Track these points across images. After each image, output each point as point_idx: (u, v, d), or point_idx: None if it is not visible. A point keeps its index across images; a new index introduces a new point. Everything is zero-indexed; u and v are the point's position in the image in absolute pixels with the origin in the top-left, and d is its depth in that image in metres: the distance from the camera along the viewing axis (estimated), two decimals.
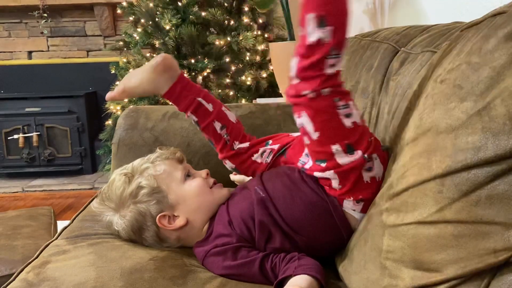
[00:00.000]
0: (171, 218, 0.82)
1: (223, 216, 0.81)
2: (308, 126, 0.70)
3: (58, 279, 0.71)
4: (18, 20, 3.23)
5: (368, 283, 0.61)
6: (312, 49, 0.65)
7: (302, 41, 0.67)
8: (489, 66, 0.48)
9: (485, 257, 0.45)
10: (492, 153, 0.44)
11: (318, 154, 0.72)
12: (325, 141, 0.69)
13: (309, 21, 0.64)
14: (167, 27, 2.28)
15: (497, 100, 0.45)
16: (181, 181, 0.85)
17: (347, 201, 0.73)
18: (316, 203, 0.75)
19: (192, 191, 0.84)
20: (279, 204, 0.77)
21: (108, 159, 2.65)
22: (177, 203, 0.83)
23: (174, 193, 0.83)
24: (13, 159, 3.15)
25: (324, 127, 0.69)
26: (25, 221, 1.31)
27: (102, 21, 3.15)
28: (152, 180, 0.82)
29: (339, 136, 0.69)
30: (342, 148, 0.69)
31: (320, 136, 0.69)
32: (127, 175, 0.84)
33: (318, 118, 0.68)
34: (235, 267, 0.74)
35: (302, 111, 0.69)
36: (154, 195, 0.81)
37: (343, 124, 0.68)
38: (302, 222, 0.76)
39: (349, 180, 0.71)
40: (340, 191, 0.73)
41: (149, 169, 0.84)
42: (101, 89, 3.22)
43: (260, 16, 2.45)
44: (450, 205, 0.48)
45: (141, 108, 1.32)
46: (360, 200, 0.72)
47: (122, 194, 0.82)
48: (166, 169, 0.85)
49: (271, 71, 2.37)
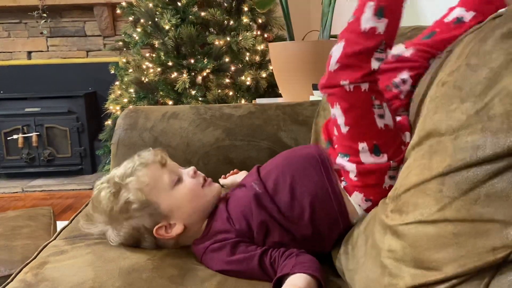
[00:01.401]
0: (168, 227, 0.80)
1: (222, 213, 0.81)
2: (339, 118, 0.69)
3: (56, 279, 0.71)
4: (17, 20, 3.22)
5: (368, 282, 0.61)
6: (364, 36, 0.64)
7: (352, 26, 0.65)
8: (487, 67, 0.48)
9: (484, 255, 0.45)
10: (491, 151, 0.45)
11: (343, 147, 0.71)
12: (353, 136, 0.69)
13: (367, 8, 0.63)
14: (166, 27, 2.28)
15: (495, 100, 0.46)
16: (169, 188, 0.80)
17: (357, 194, 0.73)
18: (317, 195, 0.75)
19: (183, 197, 0.80)
20: (277, 199, 0.77)
21: (107, 159, 2.65)
22: (171, 211, 0.79)
23: (165, 202, 0.79)
24: (12, 159, 3.15)
25: (356, 123, 0.68)
26: (24, 222, 1.31)
27: (101, 21, 3.15)
28: (139, 194, 0.77)
29: (368, 135, 0.68)
30: (369, 147, 0.68)
31: (350, 131, 0.68)
32: (112, 191, 0.78)
33: (351, 113, 0.67)
34: (234, 262, 0.74)
35: (336, 102, 0.68)
36: (145, 209, 0.78)
37: (376, 124, 0.67)
38: (301, 214, 0.76)
39: (367, 179, 0.70)
40: (355, 182, 0.72)
41: (133, 182, 0.78)
42: (101, 89, 3.22)
43: (259, 16, 2.45)
44: (450, 204, 0.49)
45: (140, 108, 1.32)
46: (370, 200, 0.72)
47: (111, 212, 0.78)
48: (151, 178, 0.79)
49: (270, 71, 2.37)
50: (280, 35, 2.57)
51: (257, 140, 1.23)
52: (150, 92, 2.36)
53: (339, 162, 0.74)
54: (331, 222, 0.76)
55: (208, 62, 2.31)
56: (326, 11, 1.79)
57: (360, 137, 0.68)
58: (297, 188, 0.77)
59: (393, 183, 0.69)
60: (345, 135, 0.69)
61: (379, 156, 0.68)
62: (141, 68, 2.37)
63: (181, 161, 1.20)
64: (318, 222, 0.76)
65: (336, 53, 0.66)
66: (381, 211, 0.66)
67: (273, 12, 2.50)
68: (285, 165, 0.81)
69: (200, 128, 1.23)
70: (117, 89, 2.51)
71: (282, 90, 1.87)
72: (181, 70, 2.32)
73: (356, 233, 0.73)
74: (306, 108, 1.30)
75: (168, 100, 2.34)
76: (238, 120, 1.25)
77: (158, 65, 2.34)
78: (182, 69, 2.33)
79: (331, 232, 0.77)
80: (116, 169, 0.84)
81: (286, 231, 0.76)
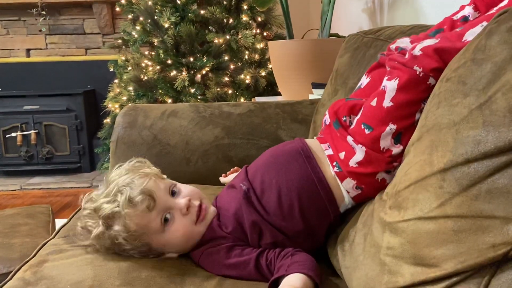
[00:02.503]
0: (161, 255, 0.79)
1: (214, 221, 0.80)
2: (389, 92, 0.67)
3: (55, 277, 0.71)
4: (16, 17, 3.22)
5: (367, 279, 0.61)
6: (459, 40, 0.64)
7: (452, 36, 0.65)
8: (492, 61, 0.48)
9: (484, 252, 0.45)
10: (493, 145, 0.45)
11: (372, 119, 0.69)
12: (390, 115, 0.67)
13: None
14: (166, 25, 2.27)
15: (498, 94, 0.46)
16: (160, 232, 0.76)
17: (349, 181, 0.73)
18: (303, 187, 0.75)
19: (176, 239, 0.77)
20: (265, 197, 0.77)
21: (106, 157, 2.65)
22: (164, 249, 0.78)
23: (158, 243, 0.77)
24: (11, 157, 3.14)
25: (402, 104, 0.66)
26: (23, 219, 1.31)
27: (100, 19, 3.14)
28: (130, 237, 0.74)
29: (403, 122, 0.67)
30: (395, 132, 0.67)
31: (391, 108, 0.67)
32: (100, 229, 0.75)
33: (404, 94, 0.66)
34: (230, 266, 0.74)
35: (397, 77, 0.67)
36: (137, 249, 0.76)
37: (414, 116, 0.66)
38: (289, 209, 0.75)
39: (368, 167, 0.70)
40: (352, 168, 0.71)
41: (120, 227, 0.74)
42: (100, 87, 3.21)
43: (259, 14, 2.44)
44: (450, 200, 0.48)
45: (139, 106, 1.32)
46: (360, 188, 0.72)
47: (103, 245, 0.77)
48: (139, 227, 0.74)
49: (270, 69, 2.37)
50: (280, 33, 2.57)
51: (257, 138, 1.23)
52: (149, 90, 2.36)
53: (349, 142, 0.72)
54: (320, 212, 0.76)
55: (207, 60, 2.31)
56: (325, 9, 1.79)
57: (395, 119, 0.67)
58: (283, 184, 0.76)
59: (385, 177, 0.70)
60: (384, 109, 0.68)
61: (396, 145, 0.68)
62: (140, 66, 2.37)
63: (180, 159, 1.21)
64: (308, 214, 0.75)
65: (427, 44, 0.66)
66: (379, 208, 0.65)
67: (272, 11, 2.49)
68: (270, 163, 0.80)
69: (199, 126, 1.23)
70: (116, 87, 2.51)
71: (282, 89, 1.87)
72: (180, 68, 2.32)
73: (352, 230, 0.73)
74: (305, 107, 1.30)
75: (167, 98, 2.33)
76: (238, 119, 1.25)
77: (157, 63, 2.34)
78: (181, 67, 2.32)
79: (322, 222, 0.77)
80: (104, 188, 0.78)
81: (278, 230, 0.76)
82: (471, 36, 0.62)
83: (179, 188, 0.81)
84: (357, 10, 2.01)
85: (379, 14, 1.77)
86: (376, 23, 1.80)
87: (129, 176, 0.77)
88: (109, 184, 0.78)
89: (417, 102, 0.66)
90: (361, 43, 1.11)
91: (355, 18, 2.06)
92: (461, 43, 0.63)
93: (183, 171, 1.19)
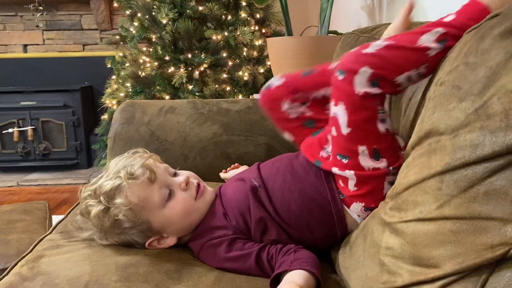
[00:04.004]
0: (160, 239, 0.79)
1: (218, 209, 0.80)
2: (341, 118, 0.67)
3: (52, 273, 0.71)
4: (13, 13, 3.20)
5: (366, 280, 0.61)
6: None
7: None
8: (486, 66, 0.48)
9: (482, 252, 0.45)
10: (490, 149, 0.45)
11: (342, 149, 0.69)
12: (354, 139, 0.67)
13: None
14: (164, 21, 2.27)
15: (493, 99, 0.46)
16: (160, 206, 0.77)
17: (356, 205, 0.72)
18: (315, 199, 0.75)
19: (176, 214, 0.77)
20: (275, 197, 0.77)
21: (103, 153, 2.64)
22: (163, 228, 0.78)
23: (157, 220, 0.77)
24: (7, 153, 3.13)
25: (358, 125, 0.66)
26: (19, 215, 1.31)
27: (98, 14, 3.12)
28: (130, 213, 0.74)
29: (370, 139, 0.67)
30: (369, 151, 0.67)
31: (351, 133, 0.67)
32: (101, 208, 0.75)
33: (355, 115, 0.66)
34: (231, 259, 0.74)
35: (341, 101, 0.66)
36: (137, 228, 0.76)
37: (378, 128, 0.66)
38: (298, 217, 0.75)
39: (367, 186, 0.69)
40: (353, 192, 0.71)
41: (122, 201, 0.74)
42: (97, 83, 3.20)
43: (257, 11, 2.44)
44: (449, 201, 0.49)
45: (137, 102, 1.31)
46: (370, 208, 0.71)
47: (102, 227, 0.77)
48: (140, 199, 0.75)
49: (268, 66, 2.37)
50: (278, 30, 2.56)
51: (255, 135, 1.23)
52: (147, 87, 2.35)
53: (336, 172, 0.72)
54: (328, 228, 0.75)
55: (205, 57, 2.30)
56: (324, 6, 1.78)
57: (361, 141, 0.67)
58: (296, 191, 0.76)
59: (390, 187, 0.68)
60: (345, 136, 0.68)
61: (378, 160, 0.67)
62: (138, 62, 2.36)
63: (178, 156, 1.20)
64: (314, 226, 0.75)
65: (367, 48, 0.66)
66: (379, 209, 0.66)
67: (271, 7, 2.49)
68: (287, 168, 0.80)
69: (197, 122, 1.23)
70: (113, 83, 2.50)
71: None
72: (178, 65, 2.31)
73: (354, 232, 0.73)
74: None
75: (165, 94, 2.33)
76: (236, 115, 1.25)
77: (155, 60, 2.33)
78: (179, 63, 2.32)
79: (327, 239, 0.77)
80: (104, 173, 0.80)
81: (284, 230, 0.76)
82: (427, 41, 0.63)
83: (177, 171, 0.84)
84: (356, 7, 2.00)
85: (378, 11, 1.77)
86: (375, 20, 1.79)
87: (128, 159, 0.80)
88: (108, 170, 0.80)
89: (372, 116, 0.66)
90: (357, 42, 1.10)
91: (354, 15, 2.05)
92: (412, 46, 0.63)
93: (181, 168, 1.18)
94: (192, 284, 0.70)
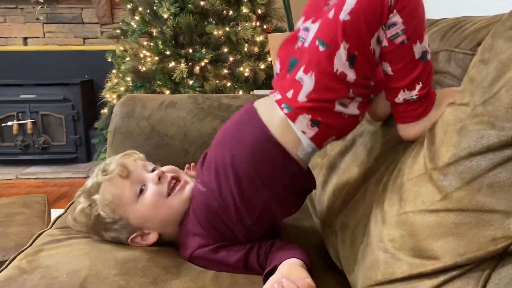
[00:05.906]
0: (143, 236, 0.81)
1: (190, 213, 0.79)
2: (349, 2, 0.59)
3: (51, 266, 0.71)
4: (13, 5, 3.18)
5: (366, 270, 0.61)
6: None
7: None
8: (497, 59, 0.49)
9: (484, 245, 0.46)
10: (496, 139, 0.45)
11: (327, 34, 0.62)
12: (345, 30, 0.60)
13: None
14: (165, 15, 2.26)
15: (502, 90, 0.46)
16: (134, 201, 0.79)
17: (302, 118, 0.65)
18: (255, 154, 0.68)
19: (148, 209, 0.79)
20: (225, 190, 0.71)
21: (103, 147, 2.63)
22: (141, 223, 0.79)
23: (134, 215, 0.79)
24: (7, 146, 3.12)
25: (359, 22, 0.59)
26: (18, 209, 1.30)
27: (99, 8, 3.11)
28: (107, 209, 0.78)
29: (358, 44, 0.60)
30: (348, 53, 0.60)
31: (347, 22, 0.60)
32: (85, 205, 0.80)
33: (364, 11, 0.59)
34: (221, 267, 0.74)
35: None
36: (118, 223, 0.79)
37: (370, 43, 0.61)
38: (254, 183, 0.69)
39: (321, 93, 0.63)
40: (301, 104, 0.65)
41: (99, 199, 0.79)
42: (97, 77, 3.19)
43: (259, 6, 2.43)
44: (452, 193, 0.49)
45: (137, 96, 1.31)
46: (317, 122, 0.65)
47: (87, 224, 0.81)
48: (113, 195, 0.78)
49: (269, 62, 2.36)
50: (280, 26, 2.55)
51: None
52: (147, 81, 2.34)
53: (299, 76, 0.64)
54: (280, 170, 0.69)
55: (206, 52, 2.29)
56: None
57: (348, 37, 0.60)
58: (237, 162, 0.69)
59: (342, 111, 0.65)
60: (339, 21, 0.60)
61: (350, 69, 0.61)
62: (138, 57, 2.35)
63: (179, 151, 1.20)
64: (265, 175, 0.69)
65: None
66: (380, 199, 0.66)
67: (273, 3, 2.48)
68: (224, 141, 0.74)
69: (198, 118, 1.22)
70: (113, 77, 2.49)
71: None
72: (179, 60, 2.30)
73: (353, 221, 0.73)
74: None
75: (165, 89, 2.32)
76: (237, 111, 1.24)
77: (156, 54, 2.32)
78: (180, 58, 2.31)
79: (284, 179, 0.70)
80: (97, 169, 0.84)
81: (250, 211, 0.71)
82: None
83: (157, 167, 0.84)
84: None
85: None
86: None
87: (112, 157, 0.84)
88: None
89: (375, 26, 0.60)
90: None
91: None
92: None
93: (181, 163, 1.17)
94: (190, 279, 0.70)
